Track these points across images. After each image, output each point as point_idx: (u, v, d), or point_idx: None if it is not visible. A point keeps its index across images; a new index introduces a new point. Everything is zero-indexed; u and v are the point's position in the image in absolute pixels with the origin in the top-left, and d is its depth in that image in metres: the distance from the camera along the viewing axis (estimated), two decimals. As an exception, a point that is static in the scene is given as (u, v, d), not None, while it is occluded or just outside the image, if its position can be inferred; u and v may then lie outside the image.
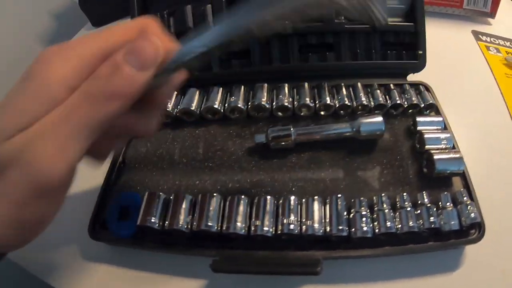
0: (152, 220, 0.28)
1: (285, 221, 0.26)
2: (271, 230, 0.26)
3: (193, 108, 0.35)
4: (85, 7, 0.56)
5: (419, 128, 0.31)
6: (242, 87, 0.36)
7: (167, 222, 0.28)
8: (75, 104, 0.15)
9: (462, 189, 0.28)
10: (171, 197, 0.29)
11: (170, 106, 0.36)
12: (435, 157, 0.28)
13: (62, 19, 0.64)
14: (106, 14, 0.58)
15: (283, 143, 0.31)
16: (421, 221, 0.27)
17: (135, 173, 0.34)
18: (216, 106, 0.34)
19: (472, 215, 0.27)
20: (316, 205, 0.27)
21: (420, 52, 0.35)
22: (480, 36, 0.44)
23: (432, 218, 0.26)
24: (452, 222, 0.26)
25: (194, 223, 0.27)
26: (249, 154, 0.33)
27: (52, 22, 0.63)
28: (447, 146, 0.30)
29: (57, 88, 0.15)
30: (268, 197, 0.28)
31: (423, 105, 0.33)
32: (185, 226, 0.27)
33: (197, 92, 0.37)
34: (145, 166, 0.35)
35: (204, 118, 0.36)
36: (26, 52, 0.58)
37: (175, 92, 0.37)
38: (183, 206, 0.28)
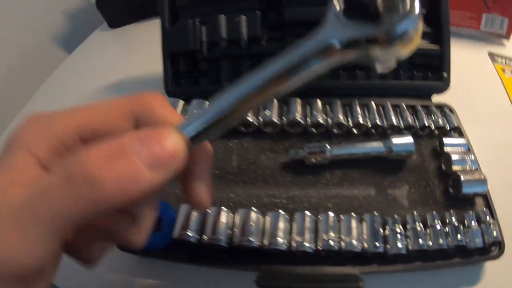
0: (190, 234, 0.30)
1: (324, 237, 0.29)
2: (312, 246, 0.29)
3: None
4: (102, 8, 0.57)
5: (446, 149, 0.34)
6: (275, 100, 0.38)
7: (205, 236, 0.30)
8: (51, 186, 0.12)
9: (484, 209, 0.32)
10: (208, 210, 0.31)
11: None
12: (462, 179, 0.32)
13: (77, 18, 0.64)
14: (124, 15, 0.59)
15: (318, 160, 0.34)
16: (449, 239, 0.30)
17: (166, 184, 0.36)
18: (250, 119, 0.36)
19: (494, 233, 0.30)
20: (353, 222, 0.30)
21: (445, 74, 0.38)
22: (496, 58, 0.47)
23: (459, 236, 0.30)
24: (477, 240, 0.30)
25: (235, 238, 0.29)
26: (283, 169, 0.35)
27: (67, 21, 0.64)
28: (471, 167, 0.33)
29: (30, 167, 0.13)
30: (308, 213, 0.30)
31: (448, 127, 0.36)
32: (225, 241, 0.29)
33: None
34: (176, 178, 0.36)
35: (236, 130, 0.37)
36: (40, 50, 0.58)
37: (207, 102, 0.39)
38: (223, 220, 0.30)
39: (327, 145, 0.34)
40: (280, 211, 0.30)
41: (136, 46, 0.61)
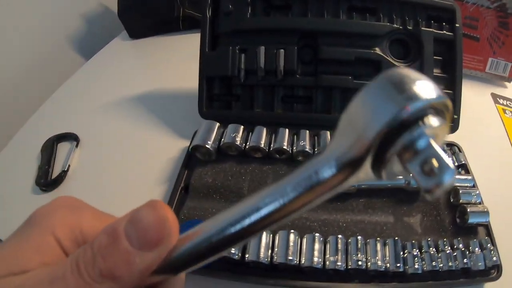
0: (232, 251, 0.37)
1: (354, 257, 0.37)
2: (343, 265, 0.37)
3: (262, 145, 0.45)
4: (124, 17, 0.63)
5: (455, 184, 0.44)
6: (307, 132, 0.46)
7: (247, 254, 0.37)
8: (63, 273, 0.15)
9: (486, 237, 0.41)
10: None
11: (238, 140, 0.45)
12: (469, 210, 0.41)
13: (97, 25, 0.70)
14: (145, 27, 0.65)
15: (347, 189, 0.42)
16: (457, 262, 0.39)
17: (200, 202, 0.43)
18: (285, 147, 0.45)
19: (494, 258, 0.39)
20: (378, 246, 0.38)
21: (456, 116, 0.48)
22: (498, 99, 0.58)
23: (465, 260, 0.39)
24: (479, 264, 0.39)
25: (275, 257, 0.37)
26: (314, 194, 0.43)
27: (87, 26, 0.69)
28: (476, 201, 0.43)
29: (51, 249, 0.16)
30: (340, 236, 0.38)
31: (456, 163, 0.46)
32: (266, 259, 0.37)
33: (264, 130, 0.47)
34: (211, 196, 0.44)
35: (270, 156, 0.45)
36: (58, 54, 0.63)
37: (242, 127, 0.47)
38: (263, 240, 0.38)
39: (355, 176, 0.42)
40: (316, 234, 0.38)
41: (156, 60, 0.68)
